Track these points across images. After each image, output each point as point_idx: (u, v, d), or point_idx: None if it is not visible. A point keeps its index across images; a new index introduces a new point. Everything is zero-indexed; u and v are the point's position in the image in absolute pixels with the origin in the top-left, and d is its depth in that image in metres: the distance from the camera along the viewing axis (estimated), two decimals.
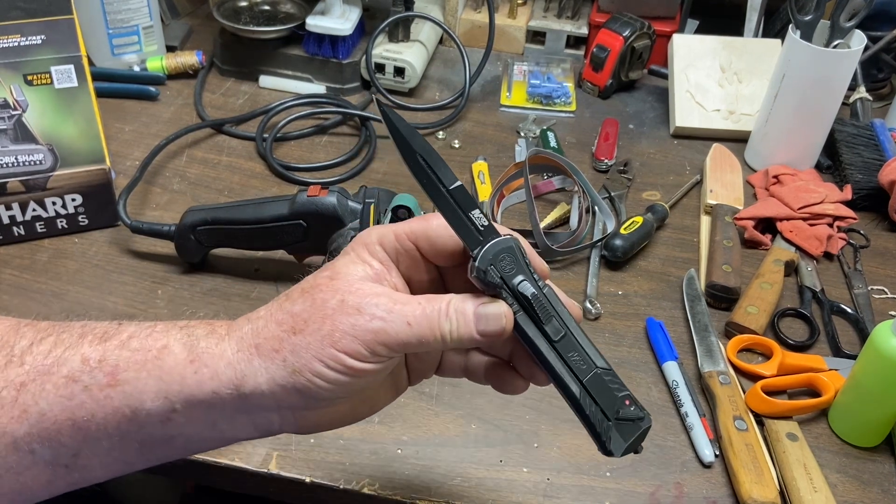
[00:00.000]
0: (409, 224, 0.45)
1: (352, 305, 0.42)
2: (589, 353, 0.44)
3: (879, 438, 0.68)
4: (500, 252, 0.43)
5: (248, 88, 1.08)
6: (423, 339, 0.42)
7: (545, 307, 0.43)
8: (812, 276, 0.83)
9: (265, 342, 0.42)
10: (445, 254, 0.45)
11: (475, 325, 0.43)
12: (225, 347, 0.43)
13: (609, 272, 0.84)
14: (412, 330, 0.42)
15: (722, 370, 0.71)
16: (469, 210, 0.44)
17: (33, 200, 0.79)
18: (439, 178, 0.45)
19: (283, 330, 0.42)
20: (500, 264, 0.43)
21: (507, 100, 1.09)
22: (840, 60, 0.90)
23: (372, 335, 0.41)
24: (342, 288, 0.42)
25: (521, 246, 0.44)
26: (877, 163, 0.94)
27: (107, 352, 0.43)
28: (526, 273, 0.43)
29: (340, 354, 0.41)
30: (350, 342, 0.41)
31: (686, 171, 0.99)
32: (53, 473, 0.44)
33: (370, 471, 0.63)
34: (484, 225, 0.44)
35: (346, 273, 0.43)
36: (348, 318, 0.41)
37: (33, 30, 0.80)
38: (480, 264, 0.43)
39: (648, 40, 1.09)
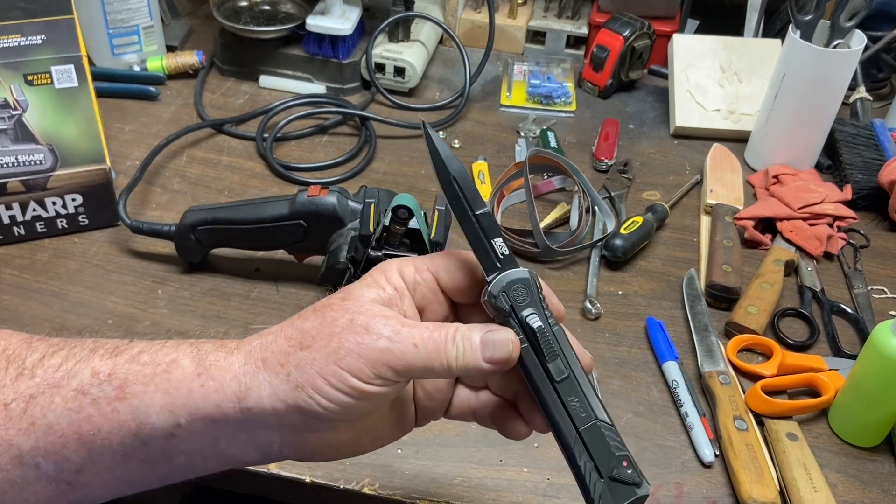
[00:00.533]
0: (432, 256, 0.46)
1: (360, 325, 0.42)
2: (591, 403, 0.43)
3: (879, 438, 0.68)
4: (515, 282, 0.43)
5: (249, 88, 1.08)
6: (429, 363, 0.42)
7: (551, 344, 0.43)
8: (812, 276, 0.83)
9: (272, 356, 0.42)
10: (463, 288, 0.46)
11: (482, 351, 0.42)
12: (233, 361, 0.43)
13: (609, 272, 0.84)
14: (418, 353, 0.41)
15: (722, 370, 0.72)
16: (492, 237, 0.45)
17: (33, 200, 0.79)
18: (468, 202, 0.46)
19: (291, 345, 0.42)
20: (513, 293, 0.43)
21: (508, 100, 1.09)
22: (840, 60, 0.90)
23: (378, 354, 0.41)
24: (353, 308, 0.43)
25: (537, 281, 0.44)
26: (877, 163, 0.94)
27: (117, 366, 0.43)
28: (537, 307, 0.43)
29: (344, 373, 0.41)
30: (355, 360, 0.41)
31: (686, 171, 0.99)
32: (56, 490, 0.44)
33: (370, 470, 0.63)
34: (504, 254, 0.44)
35: (358, 295, 0.44)
36: (355, 337, 0.41)
37: (33, 30, 0.80)
38: (493, 289, 0.43)
39: (648, 40, 1.09)
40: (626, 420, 0.69)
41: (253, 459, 0.45)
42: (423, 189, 0.93)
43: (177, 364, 0.43)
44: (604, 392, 0.70)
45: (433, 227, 0.68)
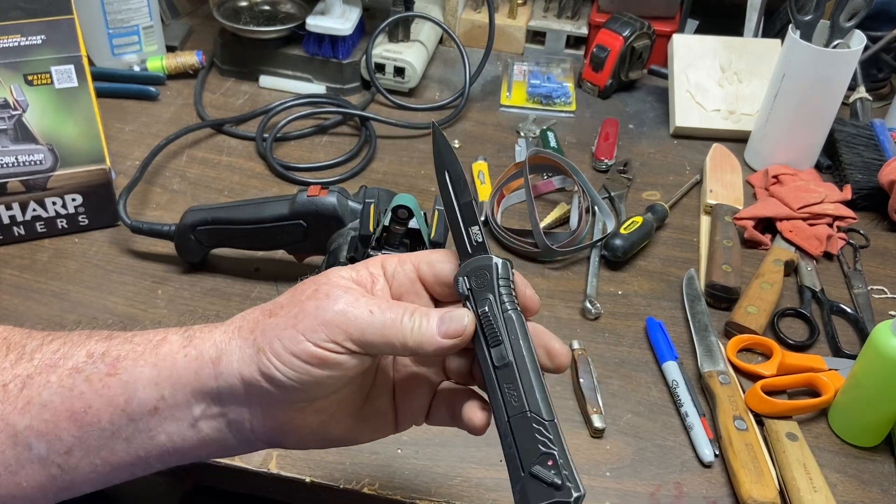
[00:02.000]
0: (416, 252, 0.48)
1: (322, 292, 0.43)
2: (528, 393, 0.41)
3: (879, 438, 0.68)
4: (480, 268, 0.44)
5: (248, 88, 1.08)
6: (385, 333, 0.42)
7: (495, 329, 0.43)
8: (812, 276, 0.83)
9: (246, 325, 0.45)
10: (441, 281, 0.46)
11: (437, 326, 0.43)
12: (215, 332, 0.45)
13: (609, 272, 0.84)
14: (373, 319, 0.42)
15: (722, 370, 0.72)
16: (469, 225, 0.46)
17: (33, 200, 0.79)
18: (453, 191, 0.47)
19: (262, 314, 0.44)
20: (474, 279, 0.44)
21: (507, 100, 1.09)
22: (840, 60, 0.90)
23: (332, 316, 0.42)
24: (321, 280, 0.44)
25: (505, 269, 0.45)
26: (876, 163, 0.94)
27: (111, 346, 0.46)
28: (494, 293, 0.43)
29: (299, 335, 0.42)
30: (310, 322, 0.42)
31: (686, 171, 0.99)
32: (47, 475, 0.45)
33: (370, 470, 0.63)
34: (478, 241, 0.45)
35: (332, 272, 0.45)
36: (315, 302, 0.43)
37: (34, 30, 0.80)
38: (458, 273, 0.44)
39: (648, 40, 1.09)
40: (625, 420, 0.69)
41: (228, 442, 0.46)
42: (423, 189, 0.93)
43: (166, 340, 0.45)
44: (604, 392, 0.70)
45: (433, 227, 0.68)
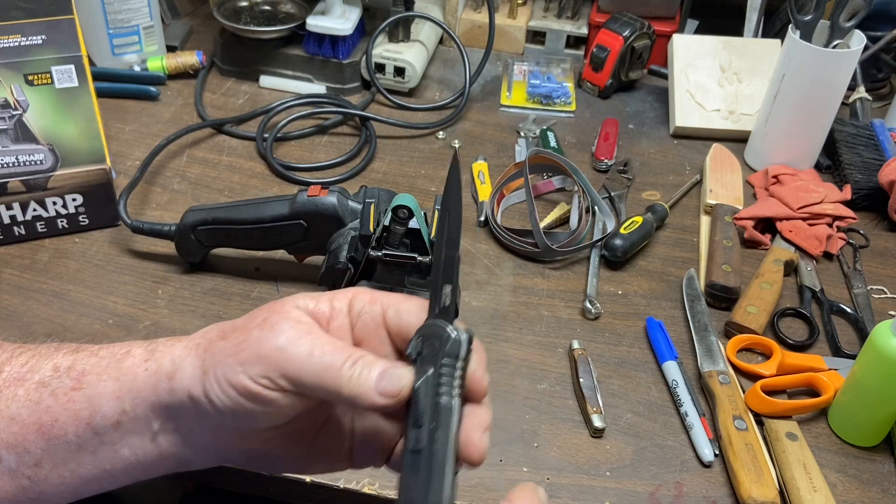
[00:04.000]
0: (392, 294, 0.45)
1: (270, 323, 0.41)
2: (428, 492, 0.38)
3: (879, 438, 0.68)
4: (435, 335, 0.41)
5: (249, 88, 1.08)
6: (321, 379, 0.40)
7: (419, 411, 0.40)
8: (812, 276, 0.83)
9: (203, 342, 0.43)
10: (403, 334, 0.43)
11: (377, 381, 0.40)
12: (176, 346, 0.44)
13: (609, 272, 0.84)
14: (311, 362, 0.40)
15: (722, 370, 0.72)
16: (445, 281, 0.43)
17: (34, 200, 0.80)
18: (445, 238, 0.45)
19: (218, 333, 0.43)
20: (428, 345, 0.41)
21: (507, 100, 1.09)
22: (840, 60, 0.90)
23: (271, 352, 0.40)
24: (275, 308, 0.42)
25: (453, 347, 0.41)
26: (876, 163, 0.94)
27: (77, 360, 0.46)
28: (435, 369, 0.40)
29: (237, 366, 0.40)
30: (250, 355, 0.40)
31: (686, 171, 0.99)
32: (17, 486, 0.45)
33: (370, 470, 0.63)
34: (446, 304, 0.43)
35: (291, 300, 0.43)
36: (260, 332, 0.41)
37: (34, 30, 0.80)
38: (416, 333, 0.42)
39: (648, 40, 1.09)
40: (625, 420, 0.69)
41: (185, 456, 0.46)
42: (423, 189, 0.93)
43: (129, 354, 0.45)
44: (604, 392, 0.70)
45: (433, 227, 0.68)
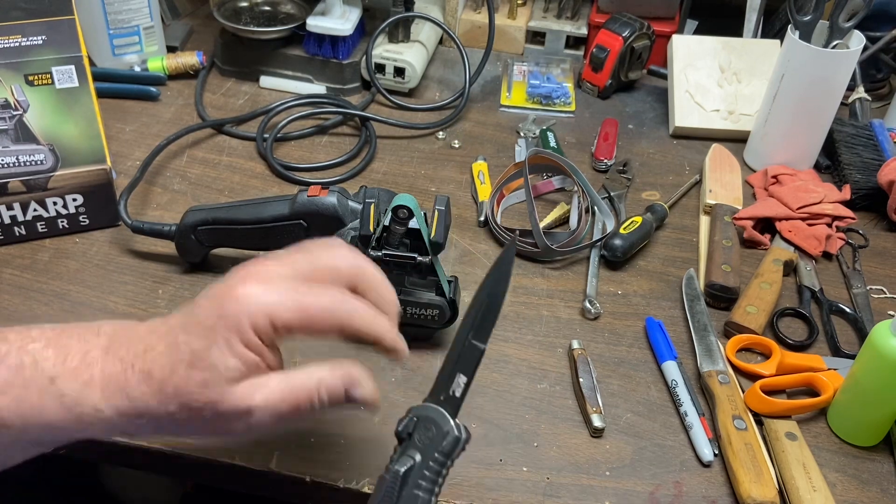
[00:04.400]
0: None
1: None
2: None
3: (878, 438, 0.68)
4: (433, 423, 0.42)
5: (249, 89, 1.08)
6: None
7: (394, 498, 0.41)
8: (811, 276, 0.83)
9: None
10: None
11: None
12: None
13: (609, 272, 0.84)
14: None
15: (721, 370, 0.72)
16: (461, 370, 0.43)
17: (34, 200, 0.80)
18: (474, 324, 0.45)
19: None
20: (420, 428, 0.42)
21: (507, 100, 1.09)
22: (839, 61, 0.90)
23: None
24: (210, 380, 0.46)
25: (450, 445, 0.42)
26: (875, 163, 0.94)
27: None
28: (424, 459, 0.41)
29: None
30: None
31: (685, 171, 0.99)
32: None
33: (370, 470, 0.63)
34: (455, 393, 0.43)
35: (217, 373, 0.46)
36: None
37: (34, 30, 0.80)
38: (412, 411, 0.43)
39: (648, 41, 1.09)
40: (625, 419, 0.69)
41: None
42: (423, 189, 0.93)
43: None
44: (603, 392, 0.71)
45: (433, 227, 0.69)
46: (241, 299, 0.46)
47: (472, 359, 0.44)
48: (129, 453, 0.64)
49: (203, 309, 0.47)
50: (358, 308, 0.49)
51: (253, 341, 0.46)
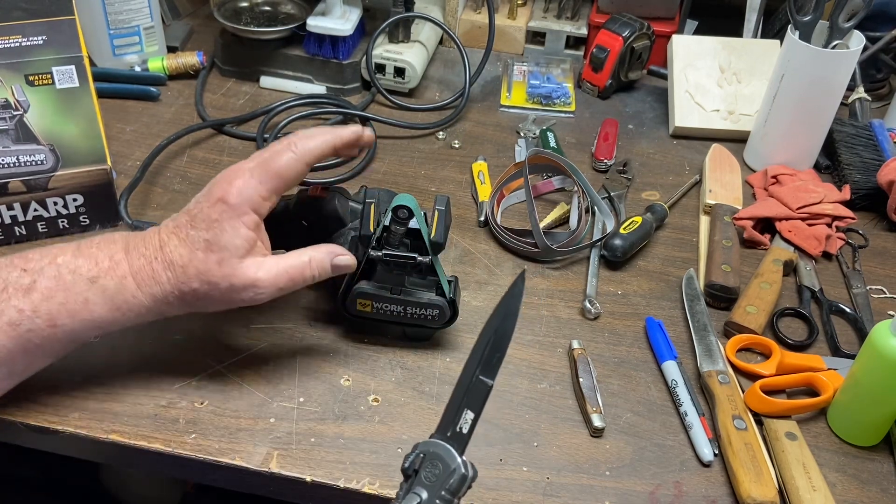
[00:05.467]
0: None
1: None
2: None
3: (878, 438, 0.68)
4: (440, 460, 0.42)
5: (249, 89, 1.08)
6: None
7: None
8: (811, 276, 0.83)
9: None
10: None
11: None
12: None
13: (608, 272, 0.84)
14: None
15: (721, 369, 0.72)
16: (469, 407, 0.44)
17: (35, 200, 0.80)
18: (482, 360, 0.45)
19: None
20: (428, 465, 0.42)
21: (507, 100, 1.09)
22: (839, 61, 0.90)
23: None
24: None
25: (458, 484, 0.43)
26: (875, 163, 0.95)
27: (36, 303, 0.58)
28: (430, 497, 0.41)
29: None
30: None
31: (685, 171, 0.99)
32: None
33: (370, 469, 0.64)
34: (462, 430, 0.43)
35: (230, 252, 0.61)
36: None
37: (35, 30, 0.81)
38: (418, 447, 0.43)
39: (648, 41, 1.10)
40: (625, 419, 0.69)
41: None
42: (423, 189, 0.93)
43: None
44: (603, 391, 0.71)
45: (433, 227, 0.69)
46: (240, 191, 0.61)
47: (479, 395, 0.44)
48: (129, 453, 0.65)
49: (203, 207, 0.60)
50: (305, 140, 0.64)
51: (253, 220, 0.61)
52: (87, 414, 0.65)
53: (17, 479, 1.13)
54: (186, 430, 0.65)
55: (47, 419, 0.64)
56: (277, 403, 0.68)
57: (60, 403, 0.65)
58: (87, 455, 0.67)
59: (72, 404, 0.65)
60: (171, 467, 0.65)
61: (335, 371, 0.71)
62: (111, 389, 0.67)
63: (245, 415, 0.67)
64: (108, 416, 0.65)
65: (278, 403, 0.68)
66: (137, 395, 0.67)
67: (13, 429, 0.64)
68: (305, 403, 0.68)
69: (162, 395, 0.67)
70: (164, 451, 0.64)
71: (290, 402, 0.68)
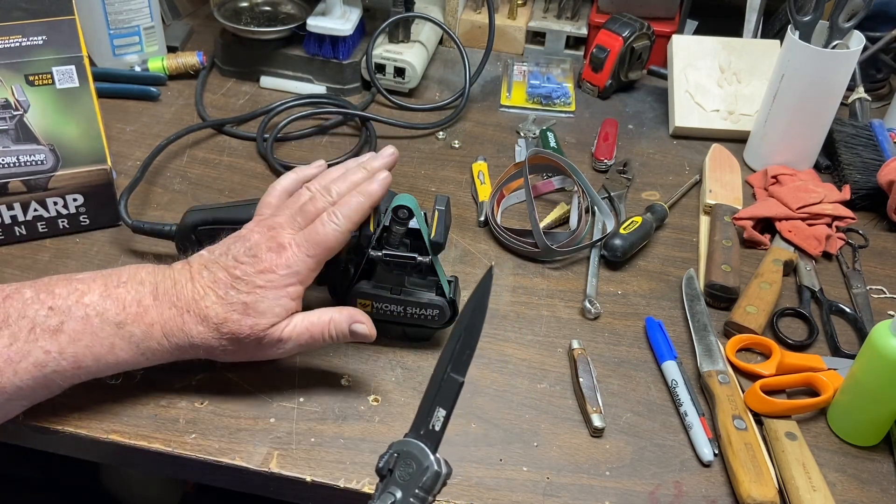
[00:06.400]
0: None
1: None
2: None
3: (878, 438, 0.68)
4: (413, 458, 0.42)
5: (249, 89, 1.08)
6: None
7: None
8: (811, 276, 0.83)
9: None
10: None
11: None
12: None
13: (609, 272, 0.84)
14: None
15: (721, 369, 0.72)
16: (440, 404, 0.44)
17: (35, 200, 0.80)
18: (452, 358, 0.46)
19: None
20: (401, 464, 0.43)
21: (507, 100, 1.09)
22: (839, 61, 0.90)
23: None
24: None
25: (431, 481, 0.44)
26: (875, 163, 0.95)
27: (63, 345, 0.58)
28: (404, 496, 0.42)
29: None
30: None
31: (685, 171, 0.99)
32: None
33: (371, 469, 0.63)
34: (434, 427, 0.44)
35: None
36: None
37: (35, 30, 0.81)
38: (392, 447, 0.43)
39: (648, 41, 1.10)
40: (625, 419, 0.69)
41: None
42: (423, 189, 0.93)
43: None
44: (603, 391, 0.71)
45: (433, 227, 0.69)
46: (289, 264, 0.61)
47: (451, 392, 0.44)
48: (130, 453, 0.65)
49: (248, 271, 0.61)
50: (344, 207, 0.63)
51: (297, 292, 0.62)
52: (87, 414, 0.65)
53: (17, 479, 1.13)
54: (186, 430, 0.65)
55: (47, 419, 0.64)
56: (277, 403, 0.68)
57: (60, 403, 0.65)
58: (87, 455, 0.67)
59: (71, 404, 0.65)
60: (171, 467, 0.65)
61: (335, 371, 0.71)
62: (111, 389, 0.67)
63: (245, 415, 0.67)
64: (107, 416, 0.65)
65: (278, 403, 0.68)
66: (137, 394, 0.67)
67: (13, 429, 0.64)
68: (305, 403, 0.68)
69: (162, 395, 0.67)
70: (164, 451, 0.64)
71: (290, 402, 0.68)
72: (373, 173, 0.66)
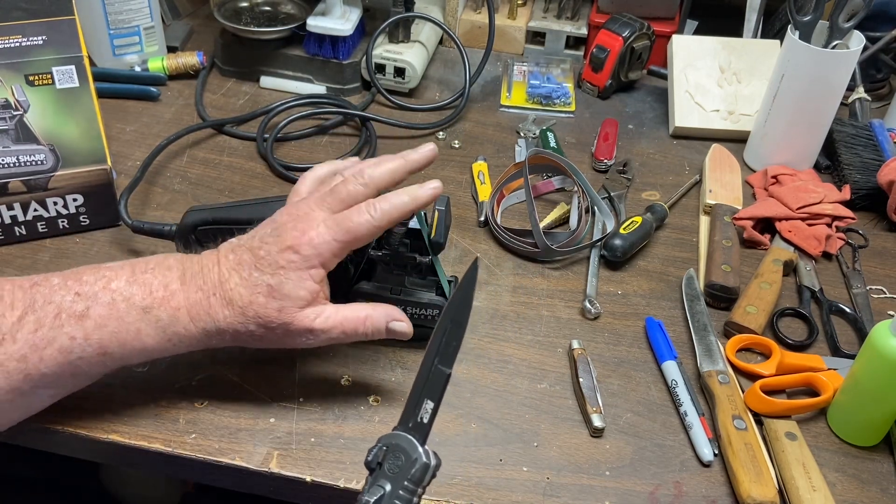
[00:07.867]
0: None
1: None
2: None
3: (878, 438, 0.68)
4: (402, 451, 0.42)
5: (249, 89, 1.08)
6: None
7: None
8: (811, 276, 0.83)
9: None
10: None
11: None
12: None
13: (608, 272, 0.84)
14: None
15: (721, 369, 0.72)
16: (428, 396, 0.44)
17: (35, 200, 0.80)
18: (439, 351, 0.46)
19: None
20: (390, 458, 0.43)
21: (507, 100, 1.09)
22: (839, 61, 0.90)
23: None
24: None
25: (419, 473, 0.44)
26: (875, 163, 0.95)
27: (88, 331, 0.57)
28: (394, 488, 0.42)
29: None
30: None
31: (685, 171, 0.99)
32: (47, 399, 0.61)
33: None
34: (422, 420, 0.44)
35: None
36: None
37: (35, 30, 0.81)
38: (381, 440, 0.43)
39: (648, 41, 1.10)
40: (625, 419, 0.69)
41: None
42: None
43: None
44: (603, 391, 0.71)
45: (433, 227, 0.69)
46: (313, 243, 0.59)
47: (438, 384, 0.45)
48: (130, 453, 0.65)
49: (272, 250, 0.59)
50: (384, 202, 0.61)
51: (320, 274, 0.60)
52: (87, 414, 0.65)
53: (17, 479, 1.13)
54: (186, 430, 0.65)
55: (47, 419, 0.64)
56: (277, 403, 0.68)
57: (60, 403, 0.64)
58: (87, 455, 0.67)
59: (71, 404, 0.65)
60: (171, 467, 0.65)
61: (335, 371, 0.71)
62: (111, 389, 0.67)
63: (245, 415, 0.67)
64: (107, 415, 0.65)
65: (278, 403, 0.68)
66: (137, 394, 0.67)
67: (13, 428, 0.64)
68: (305, 403, 0.68)
69: (162, 395, 0.67)
70: (164, 451, 0.64)
71: (290, 402, 0.68)
72: (410, 163, 0.64)
